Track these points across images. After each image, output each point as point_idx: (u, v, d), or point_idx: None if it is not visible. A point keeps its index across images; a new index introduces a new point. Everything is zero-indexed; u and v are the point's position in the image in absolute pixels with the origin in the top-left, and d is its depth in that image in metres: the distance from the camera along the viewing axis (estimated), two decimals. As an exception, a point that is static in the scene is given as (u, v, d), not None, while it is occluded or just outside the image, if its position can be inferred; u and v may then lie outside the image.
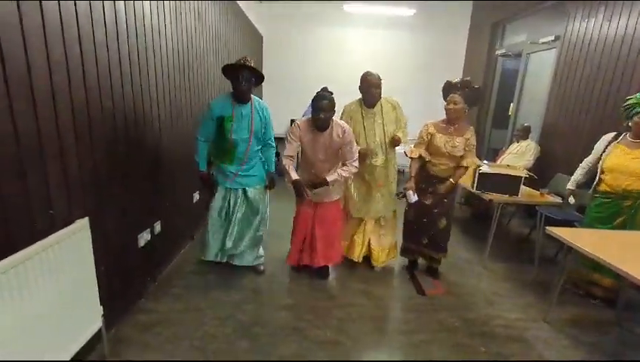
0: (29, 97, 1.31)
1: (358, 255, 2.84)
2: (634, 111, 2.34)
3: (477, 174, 3.04)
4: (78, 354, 1.54)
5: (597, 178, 2.50)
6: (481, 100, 2.76)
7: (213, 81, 3.60)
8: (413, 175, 2.62)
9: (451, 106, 2.50)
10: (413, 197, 2.56)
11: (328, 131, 2.35)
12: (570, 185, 2.76)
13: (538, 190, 3.26)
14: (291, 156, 2.43)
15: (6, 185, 1.23)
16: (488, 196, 2.99)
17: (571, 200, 2.76)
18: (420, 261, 2.96)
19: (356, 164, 2.43)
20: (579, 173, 2.74)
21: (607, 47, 3.38)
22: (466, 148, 2.54)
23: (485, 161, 3.75)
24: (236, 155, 2.42)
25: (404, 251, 2.91)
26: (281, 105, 6.53)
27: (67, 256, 1.43)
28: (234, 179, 2.45)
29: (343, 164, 2.44)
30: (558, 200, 3.05)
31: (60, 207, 1.48)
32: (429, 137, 2.59)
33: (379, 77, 2.57)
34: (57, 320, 1.40)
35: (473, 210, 4.57)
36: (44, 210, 1.40)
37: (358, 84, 2.63)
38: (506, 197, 2.99)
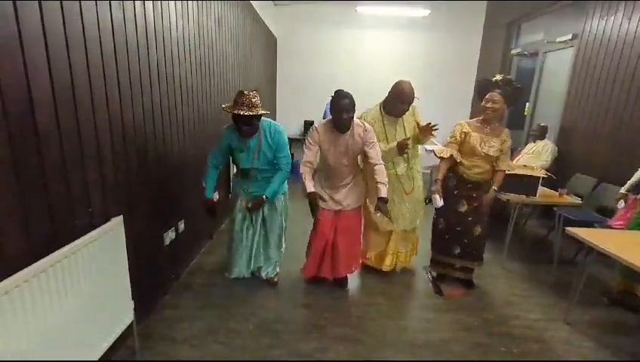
0: (73, 107, 1.39)
1: (389, 264, 2.76)
2: None
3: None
4: (111, 347, 1.62)
5: None
6: (520, 100, 2.58)
7: (233, 85, 3.68)
8: (439, 177, 2.49)
9: (490, 105, 2.37)
10: (440, 202, 2.46)
11: (349, 132, 2.23)
12: (623, 189, 2.69)
13: (556, 190, 3.23)
14: (310, 162, 2.29)
15: (52, 185, 1.31)
16: (505, 196, 2.99)
17: (620, 204, 2.68)
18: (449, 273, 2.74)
19: (382, 162, 2.29)
20: (635, 177, 2.64)
21: (627, 46, 3.33)
22: (502, 151, 2.44)
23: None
24: (250, 177, 2.38)
25: (434, 263, 2.78)
26: (295, 106, 6.63)
27: (104, 251, 1.50)
28: (250, 192, 2.39)
29: (372, 170, 2.27)
30: (578, 200, 3.03)
31: (97, 206, 1.56)
32: (464, 136, 2.45)
33: (413, 92, 2.38)
34: (95, 312, 1.47)
35: (490, 210, 4.54)
36: (84, 208, 1.49)
37: (389, 90, 2.45)
38: (523, 198, 2.98)
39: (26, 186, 1.19)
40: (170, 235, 2.37)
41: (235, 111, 2.06)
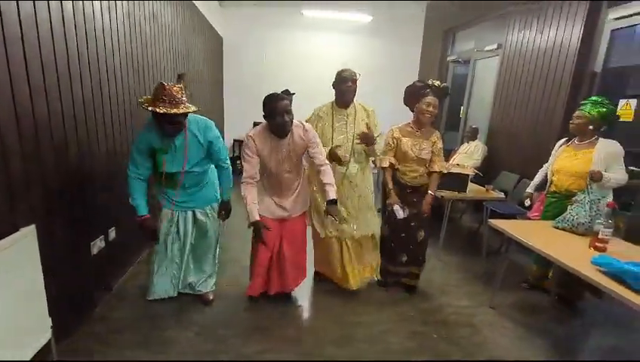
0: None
1: (355, 283, 2.55)
2: (575, 112, 2.43)
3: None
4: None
5: (549, 180, 2.60)
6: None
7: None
8: (390, 187, 2.44)
9: (432, 110, 2.36)
10: (402, 212, 2.38)
11: (289, 135, 2.06)
12: (530, 189, 2.90)
13: (484, 186, 3.52)
14: (251, 177, 2.06)
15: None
16: (440, 193, 3.20)
17: (527, 202, 2.90)
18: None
19: (327, 162, 2.17)
20: (537, 177, 2.86)
21: (540, 56, 3.74)
22: (435, 153, 2.45)
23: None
24: (177, 183, 2.11)
25: (383, 272, 2.69)
26: (242, 107, 6.51)
27: (11, 264, 1.36)
28: (175, 202, 2.16)
29: (317, 171, 2.14)
30: (501, 195, 3.33)
31: (2, 215, 1.41)
32: (395, 143, 2.45)
33: (353, 72, 2.35)
34: (1, 330, 1.33)
35: (431, 212, 4.82)
36: (-15, 218, 1.34)
37: (331, 81, 2.42)
38: (455, 194, 3.22)
39: None
40: (98, 244, 2.21)
41: (156, 109, 1.79)
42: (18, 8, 1.47)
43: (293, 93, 5.56)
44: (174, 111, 1.80)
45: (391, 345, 2.09)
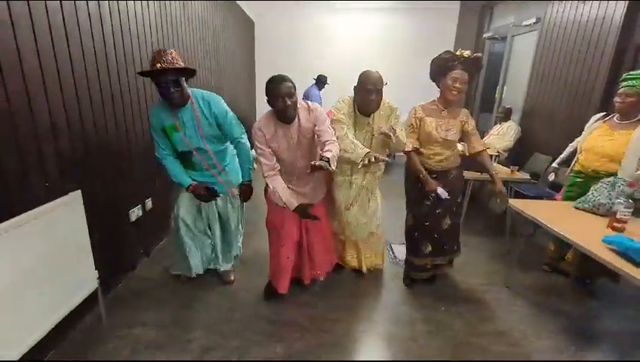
0: (21, 80, 1.50)
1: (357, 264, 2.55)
2: (620, 89, 2.19)
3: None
4: (78, 312, 1.78)
5: (575, 157, 2.46)
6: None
7: (203, 66, 3.75)
8: (421, 169, 2.20)
9: (458, 85, 2.07)
10: (446, 193, 2.20)
11: (296, 120, 1.91)
12: (555, 163, 2.79)
13: (509, 167, 3.42)
14: (272, 168, 1.96)
15: (6, 159, 1.42)
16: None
17: (551, 177, 2.80)
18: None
19: (335, 140, 1.91)
20: (565, 152, 2.74)
21: (581, 30, 3.48)
22: (469, 132, 2.24)
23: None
24: (196, 164, 2.10)
25: (407, 264, 2.50)
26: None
27: (62, 223, 1.63)
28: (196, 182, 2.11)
29: (324, 145, 1.85)
30: (527, 176, 3.22)
31: (54, 181, 1.68)
32: (418, 123, 2.21)
33: (381, 80, 2.05)
34: (54, 278, 1.61)
35: (465, 196, 4.74)
36: (41, 182, 1.61)
37: (356, 81, 2.11)
38: (478, 175, 3.16)
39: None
40: (136, 212, 2.50)
41: (159, 65, 1.79)
42: (62, 9, 1.71)
43: (327, 83, 5.63)
44: (166, 66, 1.79)
45: (399, 314, 2.19)
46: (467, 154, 2.37)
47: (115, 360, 1.77)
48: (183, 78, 1.90)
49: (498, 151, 3.26)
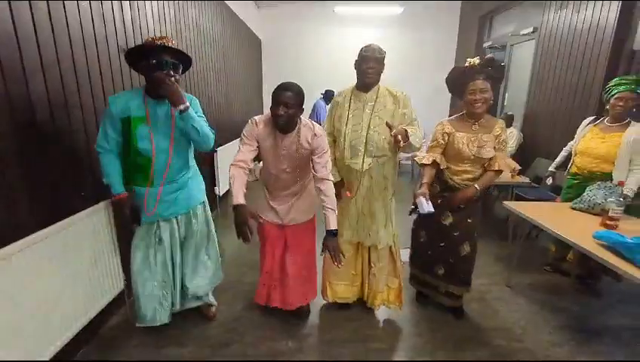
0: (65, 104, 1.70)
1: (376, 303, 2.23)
2: (610, 94, 2.32)
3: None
4: (108, 312, 1.96)
5: (571, 160, 2.57)
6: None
7: (214, 87, 3.98)
8: (426, 180, 1.99)
9: (479, 96, 1.89)
10: (427, 206, 1.86)
11: (294, 133, 1.79)
12: (552, 167, 2.91)
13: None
14: (243, 161, 1.77)
15: (57, 171, 1.63)
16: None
17: (549, 181, 2.91)
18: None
19: (331, 177, 1.82)
20: (560, 156, 2.87)
21: (577, 36, 3.62)
22: (497, 148, 1.97)
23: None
24: (155, 171, 1.74)
25: (413, 279, 2.39)
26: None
27: (93, 229, 1.81)
28: (156, 207, 1.79)
29: (316, 182, 1.80)
30: (526, 180, 3.33)
31: (89, 191, 1.88)
32: (447, 138, 2.03)
33: (380, 50, 1.93)
34: (86, 281, 1.78)
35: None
36: (77, 191, 1.81)
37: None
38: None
39: (30, 173, 1.51)
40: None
41: (161, 42, 1.62)
42: (82, 33, 1.87)
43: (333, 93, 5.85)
44: (163, 42, 1.63)
45: (397, 309, 2.25)
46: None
47: (133, 360, 1.89)
48: (180, 66, 1.71)
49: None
